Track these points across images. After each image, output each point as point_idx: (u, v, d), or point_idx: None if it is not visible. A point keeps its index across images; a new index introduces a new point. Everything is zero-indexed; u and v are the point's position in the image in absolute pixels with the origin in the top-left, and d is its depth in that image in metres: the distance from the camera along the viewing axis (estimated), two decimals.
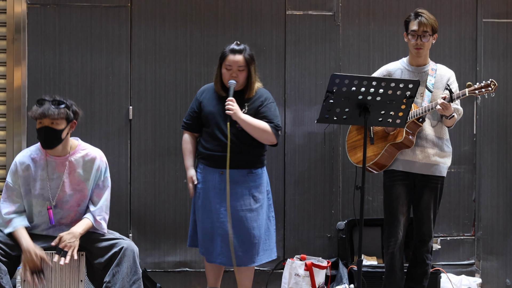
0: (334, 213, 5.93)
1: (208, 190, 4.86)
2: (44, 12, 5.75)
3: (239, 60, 4.81)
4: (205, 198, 4.88)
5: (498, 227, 6.05)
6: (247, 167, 4.85)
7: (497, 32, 6.02)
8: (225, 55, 4.83)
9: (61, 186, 4.46)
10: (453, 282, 5.68)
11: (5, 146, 5.71)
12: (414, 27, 4.91)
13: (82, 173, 4.48)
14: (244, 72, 4.84)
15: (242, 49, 4.84)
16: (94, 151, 4.56)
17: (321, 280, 5.48)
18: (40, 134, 4.38)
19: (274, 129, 4.84)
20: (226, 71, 4.83)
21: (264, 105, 4.87)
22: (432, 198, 4.98)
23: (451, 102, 4.78)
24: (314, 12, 5.92)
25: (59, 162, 4.46)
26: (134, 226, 5.81)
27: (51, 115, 4.32)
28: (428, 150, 4.94)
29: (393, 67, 5.10)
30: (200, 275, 5.75)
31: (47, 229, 4.46)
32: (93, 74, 5.78)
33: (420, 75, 4.99)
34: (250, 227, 4.83)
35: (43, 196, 4.44)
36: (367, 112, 4.39)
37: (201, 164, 4.93)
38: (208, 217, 4.86)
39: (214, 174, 4.85)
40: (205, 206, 4.87)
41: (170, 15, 5.84)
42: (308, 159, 5.92)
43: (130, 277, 4.31)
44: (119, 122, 5.80)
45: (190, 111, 5.00)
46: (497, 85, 4.79)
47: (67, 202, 4.47)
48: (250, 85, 4.87)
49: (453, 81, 5.03)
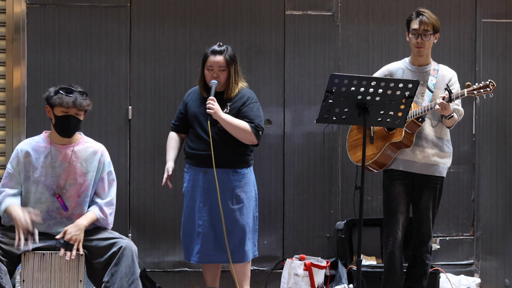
0: (333, 213, 5.94)
1: (193, 189, 4.95)
2: (43, 12, 5.75)
3: (220, 60, 4.87)
4: (190, 198, 4.97)
5: (497, 227, 6.05)
6: (231, 167, 4.91)
7: (496, 32, 6.03)
8: (207, 56, 4.92)
9: (62, 174, 4.48)
10: (452, 282, 5.68)
11: (4, 146, 5.71)
12: (415, 26, 4.92)
13: (84, 164, 4.53)
14: (225, 72, 4.90)
15: (223, 49, 4.90)
16: (96, 144, 4.65)
17: (320, 280, 5.48)
18: (63, 122, 4.45)
19: (254, 129, 4.87)
20: (207, 71, 4.91)
21: (246, 105, 4.92)
22: (431, 198, 4.99)
23: (449, 102, 4.78)
24: (313, 12, 5.93)
25: (62, 151, 4.51)
26: (133, 226, 5.81)
27: (79, 106, 4.42)
28: (427, 150, 4.94)
29: (395, 67, 5.10)
30: (199, 275, 5.75)
31: (44, 221, 4.46)
32: (92, 74, 5.78)
33: (421, 75, 4.99)
34: (237, 226, 4.90)
35: (44, 183, 4.47)
36: (366, 112, 4.40)
37: (187, 164, 5.03)
38: (191, 216, 4.95)
39: (199, 173, 4.93)
40: (190, 206, 4.97)
41: (170, 15, 5.84)
42: (307, 159, 5.93)
43: (128, 276, 4.32)
44: (119, 122, 5.80)
45: (178, 113, 5.13)
46: (495, 85, 4.79)
47: (67, 191, 4.49)
48: (230, 85, 4.92)
49: (455, 81, 5.02)
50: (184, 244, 5.03)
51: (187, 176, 5.02)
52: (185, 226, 5.01)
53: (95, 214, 4.49)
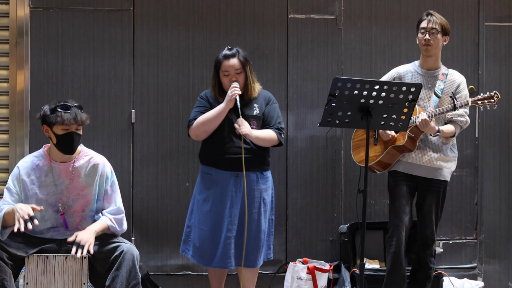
0: (336, 216, 5.93)
1: (222, 194, 4.83)
2: (46, 16, 5.76)
3: (235, 63, 4.84)
4: (218, 202, 4.84)
5: (501, 230, 6.05)
6: (258, 170, 4.87)
7: (499, 36, 6.03)
8: (220, 62, 4.86)
9: (65, 191, 4.47)
10: (455, 285, 5.68)
11: (7, 150, 5.72)
12: (424, 25, 4.94)
13: (85, 179, 4.50)
14: (242, 74, 4.87)
15: (235, 52, 4.87)
16: (97, 157, 4.59)
17: (323, 284, 5.48)
18: (66, 140, 4.39)
19: (279, 134, 4.91)
20: (225, 77, 4.86)
21: (269, 104, 4.95)
22: (435, 202, 4.98)
23: (454, 111, 4.79)
24: (316, 16, 5.93)
25: (63, 168, 4.48)
26: (136, 230, 5.81)
27: (80, 121, 4.37)
28: (431, 154, 4.94)
29: (404, 70, 5.10)
30: (202, 278, 5.75)
31: (49, 232, 4.47)
32: (95, 78, 5.79)
33: (430, 78, 4.98)
34: (260, 230, 4.86)
35: (47, 201, 4.45)
36: (369, 116, 4.40)
37: (211, 168, 4.88)
38: (217, 221, 4.83)
39: (229, 177, 4.84)
40: (216, 211, 4.83)
41: (173, 19, 5.85)
42: (310, 163, 5.93)
43: (129, 281, 4.31)
44: (122, 125, 5.81)
45: (202, 109, 4.92)
46: (500, 97, 4.79)
47: (71, 207, 4.48)
48: (249, 85, 4.90)
49: (463, 88, 5.00)
50: (201, 250, 4.86)
51: (209, 181, 4.89)
52: (203, 231, 4.85)
53: (106, 223, 4.48)
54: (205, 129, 4.84)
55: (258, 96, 4.95)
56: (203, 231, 4.86)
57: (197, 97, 5.10)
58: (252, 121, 4.85)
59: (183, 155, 5.82)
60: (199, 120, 4.85)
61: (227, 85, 4.85)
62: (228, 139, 4.84)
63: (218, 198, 4.84)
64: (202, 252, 4.87)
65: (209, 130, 4.84)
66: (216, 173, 4.85)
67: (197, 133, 4.88)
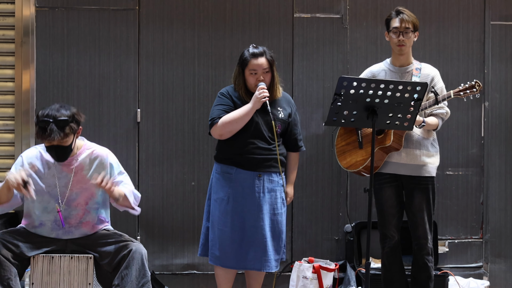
0: (342, 215, 5.93)
1: (244, 195, 4.77)
2: (52, 15, 5.77)
3: (263, 63, 4.76)
4: (236, 203, 4.76)
5: (506, 229, 6.04)
6: (279, 171, 4.82)
7: (505, 35, 6.01)
8: (247, 60, 4.75)
9: (68, 184, 4.48)
10: (461, 285, 5.67)
11: (13, 149, 5.73)
12: (396, 24, 4.90)
13: (88, 171, 4.51)
14: (269, 74, 4.80)
15: (263, 51, 4.78)
16: (100, 149, 4.59)
17: (328, 283, 5.48)
18: (51, 152, 4.38)
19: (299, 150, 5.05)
20: (251, 76, 4.77)
21: (293, 115, 4.94)
22: (424, 200, 4.91)
23: (436, 105, 4.77)
24: (321, 15, 5.93)
25: (66, 163, 4.48)
26: (142, 229, 5.82)
27: (57, 139, 4.28)
28: (414, 151, 4.89)
29: (377, 69, 5.07)
30: (208, 278, 5.76)
31: (53, 230, 4.47)
32: (101, 77, 5.80)
33: (403, 75, 4.95)
34: (281, 231, 4.84)
35: (49, 193, 4.46)
36: (375, 115, 4.39)
37: (232, 167, 4.79)
38: (238, 222, 4.75)
39: (252, 177, 4.77)
40: (236, 211, 4.76)
41: (178, 18, 5.85)
42: (315, 162, 5.92)
43: (139, 279, 4.31)
44: (127, 125, 5.81)
45: (226, 108, 4.80)
46: (481, 86, 4.77)
47: (74, 200, 4.49)
48: (274, 86, 4.84)
49: (438, 80, 4.96)
50: (221, 250, 4.76)
51: (229, 181, 4.79)
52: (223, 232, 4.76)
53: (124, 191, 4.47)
54: (231, 129, 4.73)
55: (283, 98, 4.92)
56: (223, 232, 4.77)
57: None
58: (277, 123, 4.79)
59: (189, 154, 5.83)
60: (225, 119, 4.74)
61: (252, 84, 4.78)
62: (252, 140, 4.76)
63: (239, 199, 4.76)
64: (222, 253, 4.78)
65: (235, 130, 4.73)
66: (237, 172, 4.77)
67: (222, 133, 4.76)
